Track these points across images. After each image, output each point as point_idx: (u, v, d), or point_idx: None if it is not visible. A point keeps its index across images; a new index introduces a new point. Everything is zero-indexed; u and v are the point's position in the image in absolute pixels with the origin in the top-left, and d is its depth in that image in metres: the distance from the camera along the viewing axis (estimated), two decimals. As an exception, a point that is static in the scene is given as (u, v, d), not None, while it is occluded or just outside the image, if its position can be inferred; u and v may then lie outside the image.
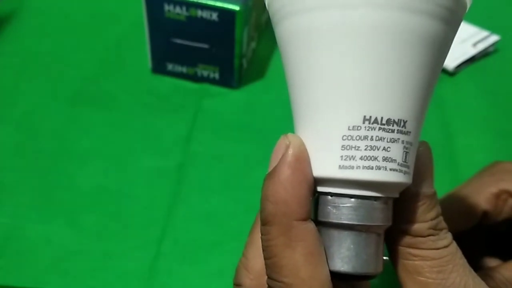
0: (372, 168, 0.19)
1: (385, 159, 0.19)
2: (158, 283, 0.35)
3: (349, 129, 0.19)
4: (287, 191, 0.19)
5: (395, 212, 0.21)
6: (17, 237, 0.36)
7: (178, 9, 0.45)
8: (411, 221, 0.21)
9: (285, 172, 0.19)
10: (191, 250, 0.36)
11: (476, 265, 0.32)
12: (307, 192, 0.19)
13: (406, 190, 0.21)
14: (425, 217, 0.21)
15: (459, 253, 0.21)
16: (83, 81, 0.49)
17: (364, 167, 0.19)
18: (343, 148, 0.19)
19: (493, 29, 0.57)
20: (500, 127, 0.49)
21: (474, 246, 0.33)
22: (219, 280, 0.35)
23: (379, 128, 0.19)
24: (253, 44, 0.52)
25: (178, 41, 0.47)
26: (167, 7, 0.45)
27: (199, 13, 0.44)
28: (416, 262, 0.21)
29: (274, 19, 0.20)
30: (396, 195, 0.20)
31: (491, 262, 0.33)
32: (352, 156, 0.19)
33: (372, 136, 0.19)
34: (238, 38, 0.45)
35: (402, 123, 0.19)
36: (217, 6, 0.44)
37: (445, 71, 0.54)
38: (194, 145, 0.44)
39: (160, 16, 0.46)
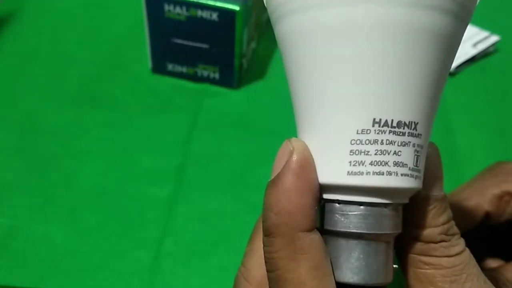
0: (382, 174, 0.18)
1: (396, 163, 0.18)
2: (158, 283, 0.34)
3: (357, 133, 0.17)
4: (290, 201, 0.18)
5: (405, 218, 0.20)
6: (17, 237, 0.36)
7: (178, 9, 0.45)
8: (422, 226, 0.20)
9: (289, 180, 0.18)
10: (191, 250, 0.36)
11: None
12: (312, 200, 0.18)
13: (416, 194, 0.20)
14: (437, 222, 0.20)
15: (473, 262, 0.20)
16: (83, 81, 0.49)
17: (374, 173, 0.18)
18: (351, 153, 0.18)
19: (493, 29, 0.57)
20: (500, 127, 0.49)
21: (476, 247, 0.33)
22: (219, 280, 0.35)
23: (390, 131, 0.17)
24: (253, 44, 0.52)
25: (178, 41, 0.47)
26: (167, 7, 0.45)
27: (199, 13, 0.44)
28: (428, 271, 0.20)
29: (274, 16, 0.19)
30: (406, 201, 0.19)
31: (493, 263, 0.33)
32: (362, 161, 0.18)
33: (382, 140, 0.17)
34: (238, 38, 0.45)
35: (413, 125, 0.18)
36: (217, 6, 0.44)
37: (445, 71, 0.53)
38: (194, 145, 0.44)
39: (160, 16, 0.45)
